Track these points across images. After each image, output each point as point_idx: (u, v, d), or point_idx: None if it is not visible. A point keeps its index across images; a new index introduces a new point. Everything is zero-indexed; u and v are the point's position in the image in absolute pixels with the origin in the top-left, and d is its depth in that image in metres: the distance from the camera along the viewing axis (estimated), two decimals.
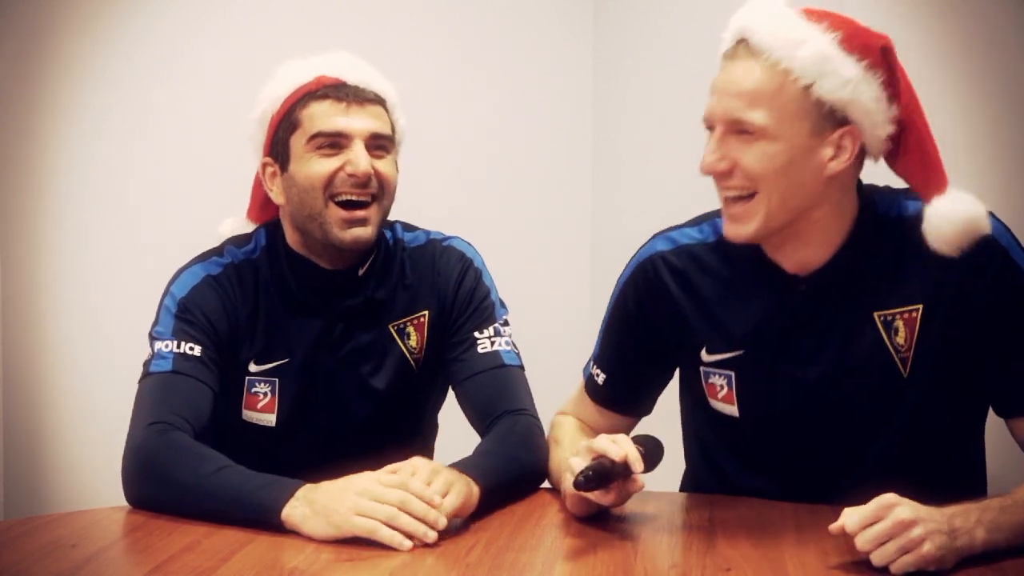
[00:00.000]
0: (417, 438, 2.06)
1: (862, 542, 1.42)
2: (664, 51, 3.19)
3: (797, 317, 1.69)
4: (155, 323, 1.90)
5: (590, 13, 3.39)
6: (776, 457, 1.77)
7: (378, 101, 1.90)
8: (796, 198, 1.60)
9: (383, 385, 1.96)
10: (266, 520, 1.61)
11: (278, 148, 1.91)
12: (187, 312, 1.88)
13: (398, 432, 1.99)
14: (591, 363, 1.90)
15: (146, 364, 1.87)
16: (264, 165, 1.93)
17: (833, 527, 1.45)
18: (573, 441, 1.80)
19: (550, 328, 3.30)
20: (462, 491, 1.65)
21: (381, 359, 1.96)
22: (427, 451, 2.11)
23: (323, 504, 1.59)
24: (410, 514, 1.56)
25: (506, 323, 2.00)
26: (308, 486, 1.63)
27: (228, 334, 1.90)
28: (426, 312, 1.98)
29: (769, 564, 1.49)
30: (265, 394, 1.93)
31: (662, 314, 1.78)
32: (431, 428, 2.13)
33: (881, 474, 1.60)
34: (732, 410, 1.76)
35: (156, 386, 1.83)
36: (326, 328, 1.93)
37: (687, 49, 3.14)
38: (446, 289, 1.98)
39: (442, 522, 1.58)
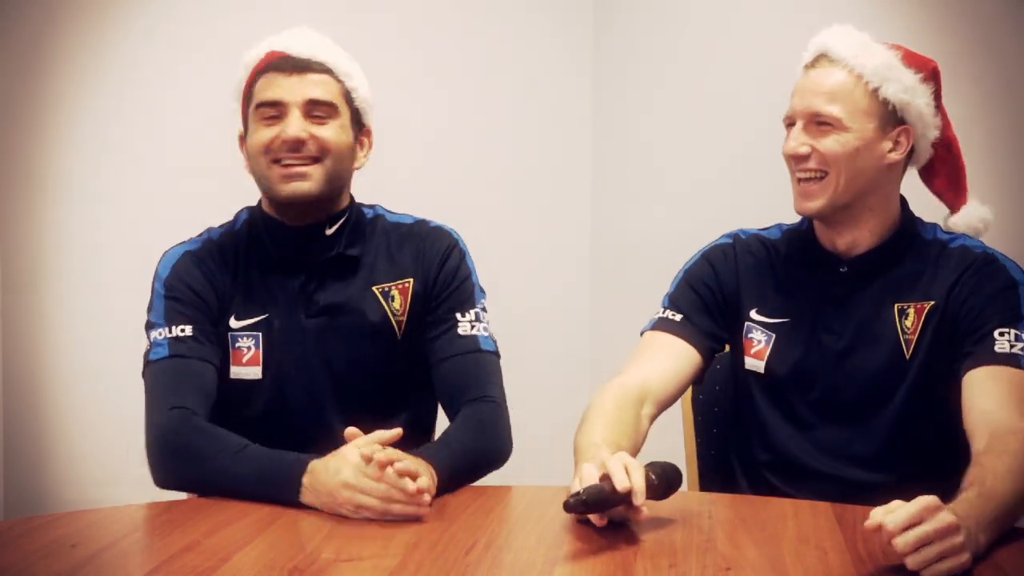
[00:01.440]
0: (408, 413, 2.07)
1: (903, 543, 1.41)
2: (664, 51, 3.19)
3: (834, 293, 1.97)
4: (148, 309, 1.99)
5: (590, 13, 3.39)
6: (790, 417, 1.99)
7: (321, 69, 1.99)
8: (858, 181, 1.91)
9: (364, 338, 2.01)
10: (287, 502, 1.74)
11: (243, 123, 2.03)
12: (173, 290, 1.98)
13: (385, 394, 2.03)
14: (663, 309, 2.05)
15: (145, 355, 1.95)
16: (239, 140, 2.05)
17: (869, 524, 1.43)
18: (604, 426, 1.83)
19: (550, 327, 3.31)
20: (429, 476, 1.75)
21: (363, 314, 2.02)
22: (427, 438, 2.12)
23: (328, 493, 1.71)
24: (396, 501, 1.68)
25: (485, 308, 2.06)
26: (310, 468, 1.74)
27: (216, 301, 2.00)
28: (411, 280, 2.05)
29: (769, 564, 1.50)
30: (249, 348, 2.00)
31: (729, 277, 2.06)
32: (426, 411, 2.13)
33: (884, 444, 1.91)
34: (759, 365, 2.02)
35: (160, 373, 1.92)
36: (302, 283, 2.01)
37: (687, 49, 3.14)
38: (431, 263, 2.05)
39: (426, 500, 1.69)
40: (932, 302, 1.92)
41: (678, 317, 2.03)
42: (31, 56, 3.07)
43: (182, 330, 1.94)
